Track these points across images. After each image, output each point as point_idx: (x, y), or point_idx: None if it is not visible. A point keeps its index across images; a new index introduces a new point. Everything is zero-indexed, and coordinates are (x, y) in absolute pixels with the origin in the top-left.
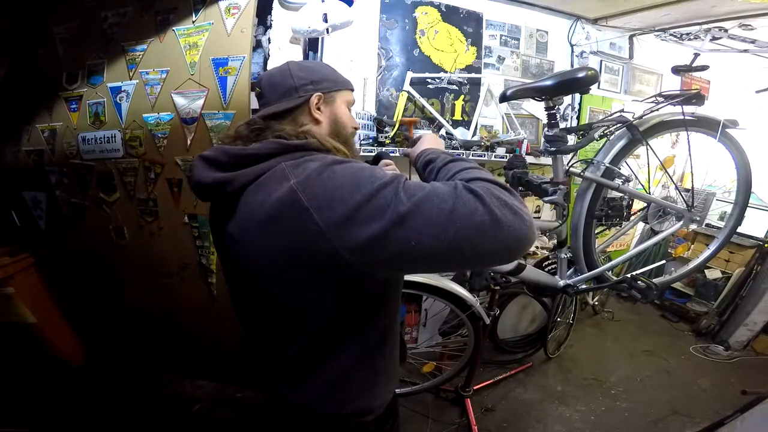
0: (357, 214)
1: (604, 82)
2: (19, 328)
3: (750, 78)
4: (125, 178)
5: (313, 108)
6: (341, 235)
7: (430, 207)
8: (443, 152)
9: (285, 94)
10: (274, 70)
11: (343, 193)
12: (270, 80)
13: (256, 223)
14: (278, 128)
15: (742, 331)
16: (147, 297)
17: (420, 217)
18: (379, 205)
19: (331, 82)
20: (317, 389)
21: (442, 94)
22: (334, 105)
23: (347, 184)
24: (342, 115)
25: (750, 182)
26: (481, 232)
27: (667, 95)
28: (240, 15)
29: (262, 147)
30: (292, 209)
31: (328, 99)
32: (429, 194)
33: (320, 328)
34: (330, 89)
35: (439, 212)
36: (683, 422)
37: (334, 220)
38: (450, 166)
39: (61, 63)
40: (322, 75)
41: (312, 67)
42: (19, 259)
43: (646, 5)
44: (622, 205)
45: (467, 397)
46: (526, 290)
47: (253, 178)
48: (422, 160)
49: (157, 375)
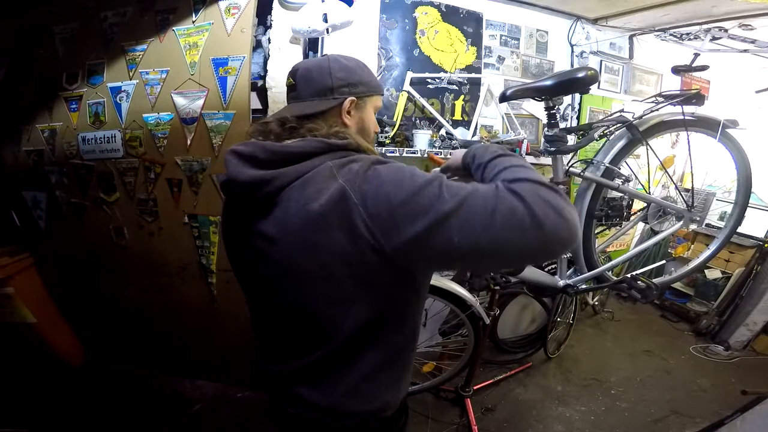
0: (403, 211)
1: (604, 82)
2: (19, 328)
3: (750, 78)
4: (125, 178)
5: (344, 112)
6: (387, 231)
7: (473, 206)
8: (490, 145)
9: (320, 93)
10: (311, 64)
11: (388, 191)
12: (307, 75)
13: (303, 221)
14: (312, 127)
15: (742, 331)
16: (147, 297)
17: (463, 215)
18: (424, 203)
19: (366, 86)
20: (343, 389)
21: (442, 94)
22: (364, 110)
23: (392, 182)
24: (369, 120)
25: (750, 182)
26: (522, 232)
27: (667, 95)
28: (240, 15)
29: (307, 145)
30: (342, 207)
31: (360, 104)
32: (471, 194)
33: (353, 332)
34: (364, 94)
35: (482, 212)
36: (683, 422)
37: (381, 217)
38: (497, 161)
39: (61, 63)
40: (359, 77)
41: (351, 67)
42: (19, 259)
43: (646, 5)
44: (622, 205)
45: (467, 397)
46: (526, 290)
47: (296, 176)
48: (469, 155)
49: (157, 375)
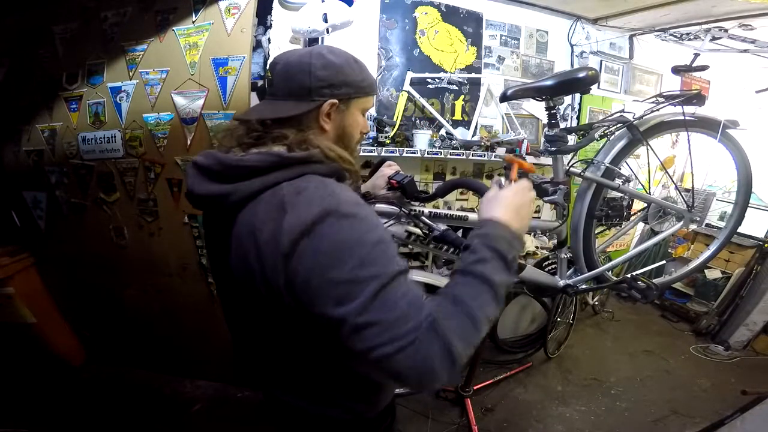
0: (326, 288)
1: (604, 82)
2: (19, 328)
3: (750, 78)
4: (125, 178)
5: (322, 115)
6: (304, 297)
7: (382, 331)
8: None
9: (296, 93)
10: (293, 58)
11: (324, 263)
12: (286, 70)
13: (248, 247)
14: (279, 134)
15: (742, 331)
16: (147, 297)
17: (369, 333)
18: (349, 293)
19: (352, 87)
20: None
21: (442, 94)
22: (347, 113)
23: (333, 253)
24: (351, 125)
25: (750, 182)
26: (414, 373)
27: (667, 95)
28: (240, 15)
29: (260, 160)
30: (275, 252)
31: (342, 107)
32: (395, 321)
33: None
34: (348, 96)
35: (390, 338)
36: (683, 422)
37: (305, 281)
38: (478, 285)
39: (61, 63)
40: (344, 77)
41: (336, 65)
42: (19, 259)
43: (646, 5)
44: (622, 205)
45: (467, 397)
46: (526, 290)
47: (252, 194)
48: (477, 240)
49: (157, 375)
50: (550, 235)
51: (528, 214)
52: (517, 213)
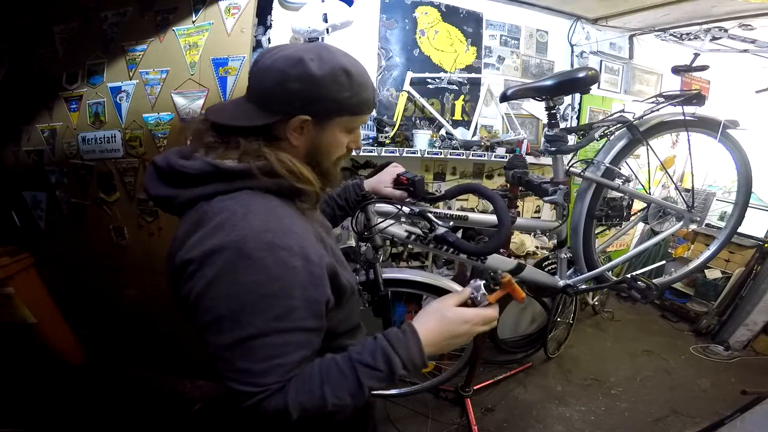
0: (202, 313)
1: (604, 82)
2: (19, 328)
3: (750, 78)
4: (125, 178)
5: (290, 130)
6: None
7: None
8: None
9: (262, 101)
10: (281, 57)
11: (205, 293)
12: (264, 72)
13: (170, 254)
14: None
15: (742, 331)
16: (147, 297)
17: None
18: (220, 328)
19: (333, 104)
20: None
21: (442, 94)
22: (323, 131)
23: (216, 286)
24: (329, 143)
25: (750, 182)
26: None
27: (667, 95)
28: (240, 15)
29: (195, 169)
30: (171, 263)
31: (317, 124)
32: (248, 371)
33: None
34: (327, 114)
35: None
36: (683, 422)
37: (186, 298)
38: (351, 384)
39: (61, 63)
40: (323, 93)
41: (317, 77)
42: (19, 259)
43: (646, 5)
44: (622, 205)
45: (467, 397)
46: (526, 290)
47: (189, 201)
48: (386, 344)
49: (157, 375)
50: (550, 235)
51: (455, 345)
52: (445, 342)
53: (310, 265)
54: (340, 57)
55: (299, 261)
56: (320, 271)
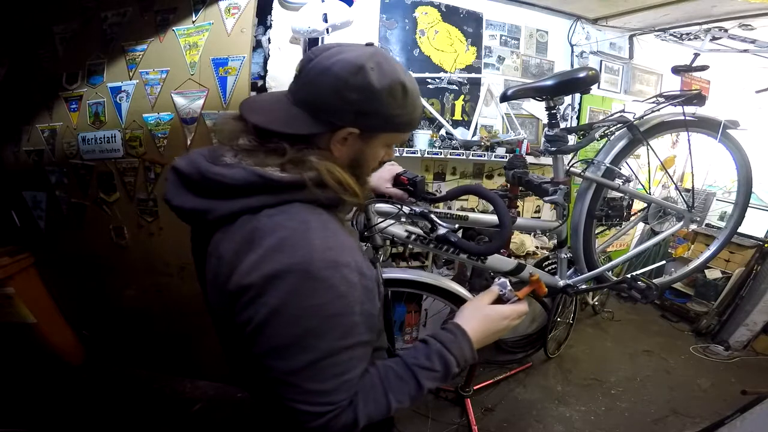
0: (263, 339)
1: (604, 82)
2: (19, 328)
3: (750, 78)
4: (125, 178)
5: (334, 140)
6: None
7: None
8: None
9: (312, 107)
10: (340, 60)
11: (269, 320)
12: (317, 76)
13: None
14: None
15: (742, 331)
16: (147, 297)
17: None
18: (284, 354)
19: (384, 120)
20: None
21: (442, 94)
22: (367, 144)
23: (281, 313)
24: (370, 157)
25: (750, 182)
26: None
27: (668, 95)
28: (240, 15)
29: (240, 179)
30: (224, 288)
31: (362, 137)
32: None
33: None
34: (375, 129)
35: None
36: (683, 422)
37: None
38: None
39: (61, 63)
40: (378, 107)
41: (376, 89)
42: (19, 259)
43: (646, 5)
44: (622, 205)
45: (467, 397)
46: None
47: (230, 214)
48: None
49: (157, 375)
50: (550, 235)
51: (494, 339)
52: (489, 337)
53: (365, 280)
54: (399, 71)
55: (357, 276)
56: (372, 285)
